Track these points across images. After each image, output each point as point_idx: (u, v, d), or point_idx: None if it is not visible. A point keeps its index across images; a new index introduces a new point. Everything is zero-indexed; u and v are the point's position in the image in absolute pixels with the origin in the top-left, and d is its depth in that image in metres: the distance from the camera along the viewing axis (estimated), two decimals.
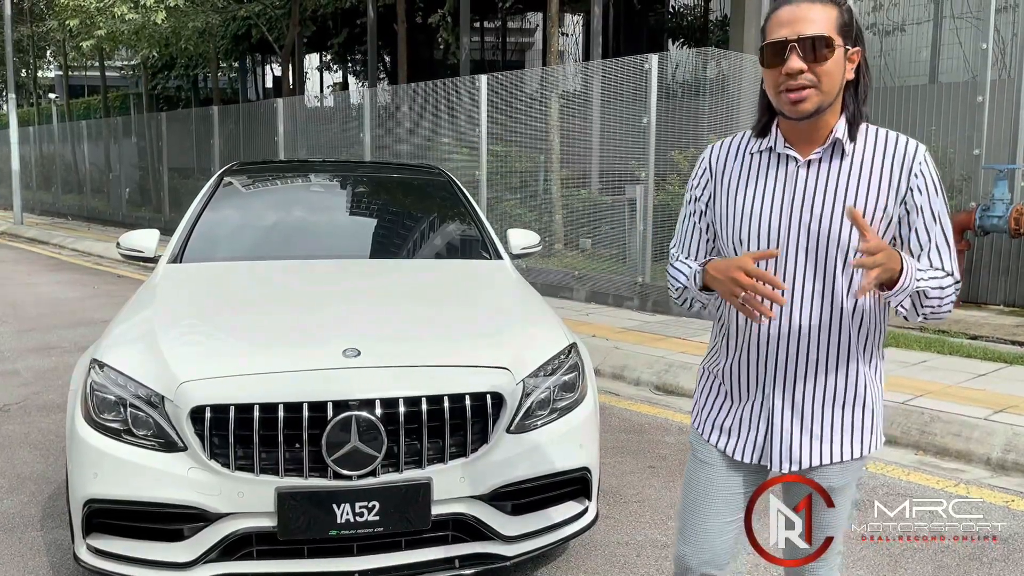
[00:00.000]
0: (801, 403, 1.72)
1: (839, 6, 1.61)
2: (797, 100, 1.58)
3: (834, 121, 1.65)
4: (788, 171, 1.68)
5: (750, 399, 1.78)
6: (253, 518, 2.54)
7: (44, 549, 3.20)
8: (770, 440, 1.75)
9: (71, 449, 2.73)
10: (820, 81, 1.57)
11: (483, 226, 4.25)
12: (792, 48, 1.57)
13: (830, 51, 1.57)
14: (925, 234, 1.64)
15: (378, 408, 2.56)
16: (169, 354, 2.73)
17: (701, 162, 1.83)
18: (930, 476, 4.02)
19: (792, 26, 1.58)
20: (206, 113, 16.59)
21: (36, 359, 6.36)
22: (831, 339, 1.69)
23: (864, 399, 1.74)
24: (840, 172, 1.65)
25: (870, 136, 1.67)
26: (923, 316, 1.64)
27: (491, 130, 9.99)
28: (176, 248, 3.85)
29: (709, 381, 1.88)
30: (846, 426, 1.73)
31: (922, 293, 1.59)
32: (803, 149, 1.67)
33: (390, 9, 16.26)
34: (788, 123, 1.67)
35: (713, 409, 1.85)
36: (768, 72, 1.62)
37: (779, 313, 1.68)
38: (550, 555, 3.11)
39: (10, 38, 20.47)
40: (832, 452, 1.73)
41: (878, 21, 10.07)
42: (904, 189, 1.64)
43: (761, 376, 1.75)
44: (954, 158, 8.35)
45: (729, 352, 1.80)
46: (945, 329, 6.81)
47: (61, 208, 23.72)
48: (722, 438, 1.82)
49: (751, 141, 1.76)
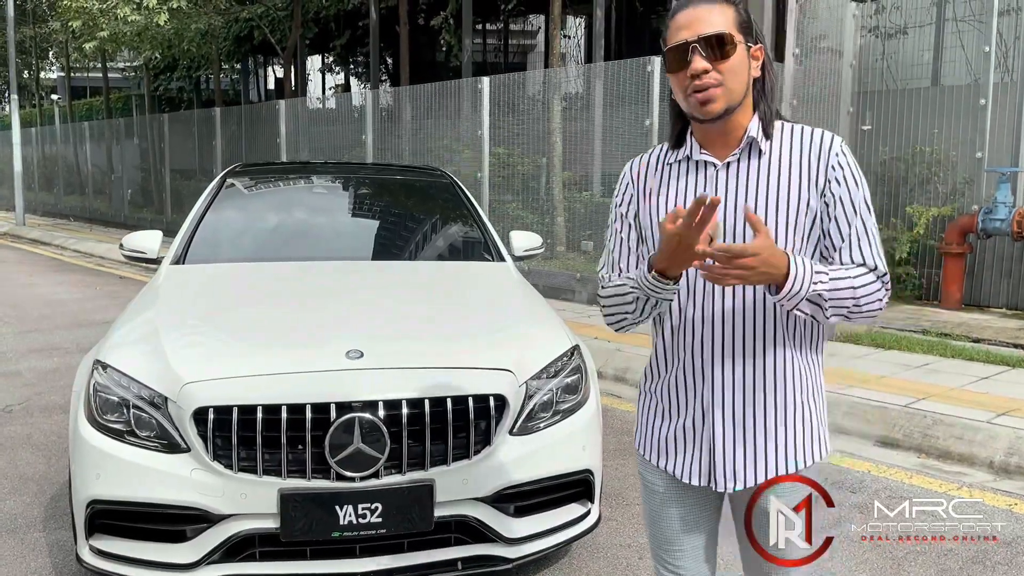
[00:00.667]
0: (742, 415, 1.66)
1: (735, 5, 1.61)
2: (705, 100, 1.57)
3: (747, 121, 1.63)
4: (707, 176, 1.66)
5: (689, 416, 1.71)
6: (256, 519, 2.54)
7: (47, 550, 3.21)
8: (712, 459, 1.69)
9: (74, 450, 2.73)
10: (725, 79, 1.56)
11: (486, 228, 4.25)
12: (694, 49, 1.56)
13: (732, 48, 1.56)
14: (846, 225, 1.60)
15: (381, 410, 2.56)
16: (172, 355, 2.74)
17: (623, 178, 1.79)
18: (933, 479, 4.02)
19: (691, 28, 1.57)
20: (208, 114, 16.61)
21: (38, 360, 6.36)
22: (767, 345, 1.64)
23: (806, 406, 1.68)
24: (759, 171, 1.63)
25: (786, 133, 1.65)
26: (842, 317, 1.58)
27: (493, 132, 10.00)
28: (179, 249, 3.85)
29: (648, 401, 1.81)
30: (789, 436, 1.67)
31: (823, 298, 1.53)
32: (719, 153, 1.65)
33: (392, 11, 16.26)
34: (701, 128, 1.65)
35: (655, 430, 1.78)
36: (674, 77, 1.60)
37: (712, 321, 1.64)
38: (552, 557, 3.11)
39: (13, 39, 20.50)
40: (778, 465, 1.67)
41: (880, 24, 10.06)
42: (823, 181, 1.60)
43: (699, 390, 1.68)
44: (956, 161, 8.34)
45: (666, 367, 1.75)
46: (948, 332, 6.81)
47: (63, 209, 23.74)
48: (668, 461, 1.75)
49: (668, 153, 1.74)
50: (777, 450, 1.67)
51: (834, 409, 4.80)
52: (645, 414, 1.81)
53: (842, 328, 6.68)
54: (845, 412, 4.75)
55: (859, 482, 3.96)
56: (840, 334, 6.63)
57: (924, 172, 8.49)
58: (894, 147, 8.77)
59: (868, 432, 4.59)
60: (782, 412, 1.66)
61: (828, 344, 6.35)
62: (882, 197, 8.81)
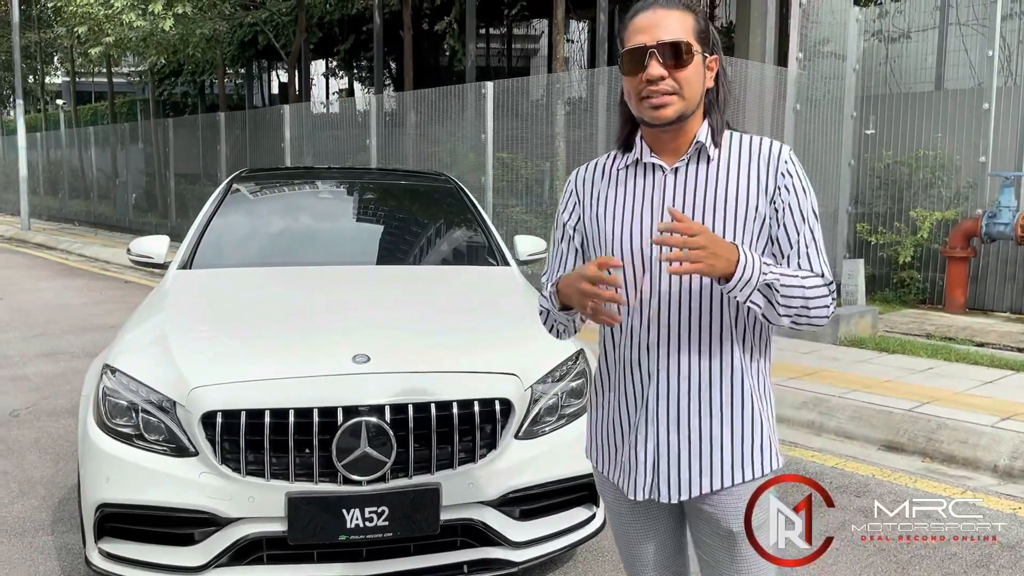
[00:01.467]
0: (687, 425, 1.63)
1: (695, 13, 1.61)
2: (659, 105, 1.57)
3: (696, 127, 1.64)
4: (656, 180, 1.66)
5: (635, 428, 1.68)
6: (263, 523, 2.56)
7: (55, 553, 3.22)
8: (657, 470, 1.65)
9: (83, 454, 2.75)
10: (681, 87, 1.56)
11: (490, 233, 4.27)
12: (652, 54, 1.55)
13: (689, 56, 1.56)
14: (795, 233, 1.60)
15: (387, 414, 2.58)
16: (180, 360, 2.76)
17: (567, 187, 1.79)
18: (937, 483, 4.02)
19: (650, 32, 1.57)
20: (213, 119, 16.66)
21: (45, 364, 6.39)
22: (712, 351, 1.62)
23: (752, 416, 1.64)
24: (708, 176, 1.63)
25: (734, 141, 1.65)
26: (791, 320, 1.55)
27: (497, 137, 10.02)
28: (186, 254, 3.88)
29: (597, 413, 1.78)
30: (736, 446, 1.63)
31: (773, 288, 1.50)
32: (668, 158, 1.65)
33: (396, 16, 16.31)
34: (651, 132, 1.65)
35: (607, 445, 1.75)
36: (628, 80, 1.60)
37: (659, 328, 1.63)
38: (557, 561, 3.12)
39: (18, 44, 20.59)
40: (723, 476, 1.63)
41: (883, 28, 10.08)
42: (772, 188, 1.61)
43: (646, 399, 1.65)
44: (960, 165, 8.35)
45: (610, 380, 1.73)
46: (952, 336, 6.81)
47: (68, 214, 23.81)
48: (618, 474, 1.73)
49: (616, 159, 1.73)
50: (724, 459, 1.64)
51: (838, 413, 4.82)
52: (596, 429, 1.79)
53: (846, 333, 6.69)
54: (850, 416, 4.76)
55: (863, 486, 3.97)
56: (844, 338, 6.63)
57: (928, 176, 8.50)
58: (898, 151, 8.78)
59: (872, 436, 4.59)
60: (729, 419, 1.63)
61: (832, 348, 6.37)
62: (886, 201, 8.82)
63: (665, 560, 1.80)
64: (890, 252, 8.56)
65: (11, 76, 28.34)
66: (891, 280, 8.74)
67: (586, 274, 1.51)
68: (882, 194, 8.85)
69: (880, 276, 8.81)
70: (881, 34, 10.02)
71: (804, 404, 4.95)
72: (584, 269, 1.53)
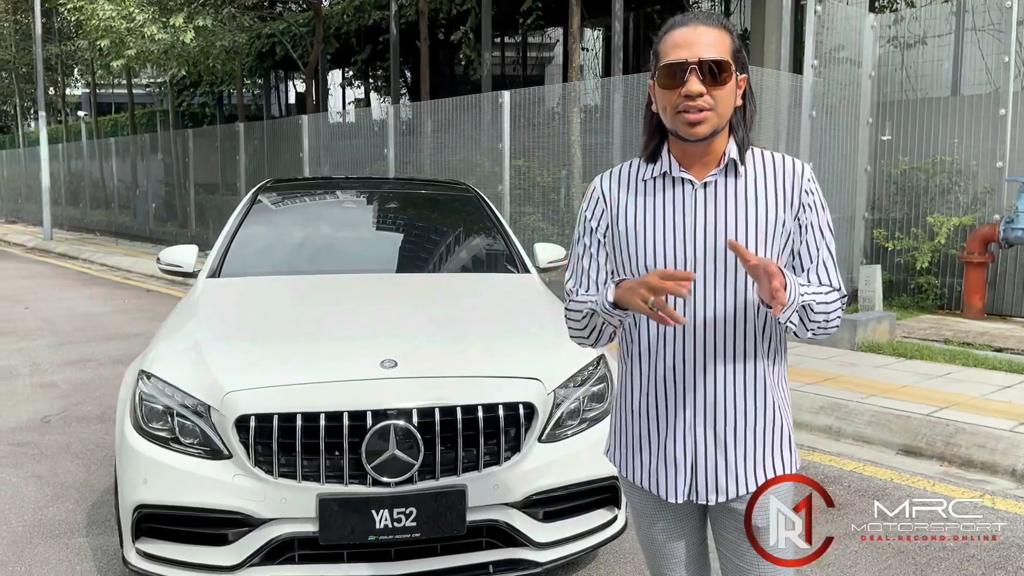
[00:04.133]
0: (723, 430, 1.69)
1: (730, 32, 1.64)
2: (695, 122, 1.60)
3: (724, 144, 1.68)
4: (685, 194, 1.69)
5: (670, 434, 1.73)
6: (295, 523, 2.63)
7: (91, 555, 3.32)
8: (695, 474, 1.72)
9: (121, 456, 2.84)
10: (716, 104, 1.60)
11: (510, 240, 4.35)
12: (692, 70, 1.58)
13: (728, 75, 1.60)
14: (815, 248, 1.68)
15: (415, 417, 2.65)
16: (214, 365, 2.85)
17: (593, 192, 1.80)
18: (955, 487, 4.05)
19: (691, 48, 1.59)
20: (232, 130, 16.86)
21: (73, 372, 6.52)
22: (746, 361, 1.68)
23: (780, 422, 1.73)
24: (736, 191, 1.67)
25: (757, 157, 1.70)
26: (812, 332, 1.64)
27: (513, 145, 10.11)
28: (215, 263, 3.98)
29: (623, 420, 1.82)
30: (767, 450, 1.72)
31: (808, 308, 1.59)
32: (697, 172, 1.69)
33: (412, 26, 16.47)
34: (680, 146, 1.68)
35: (634, 451, 1.80)
36: (664, 93, 1.62)
37: (691, 338, 1.68)
38: (580, 562, 3.18)
39: (40, 56, 20.92)
40: (756, 477, 1.71)
41: (899, 34, 10.10)
42: (797, 205, 1.67)
43: (679, 407, 1.71)
44: (977, 171, 8.35)
45: (639, 388, 1.77)
46: (970, 342, 6.81)
47: (89, 224, 24.12)
48: (651, 480, 1.77)
49: (642, 168, 1.76)
50: (756, 461, 1.71)
51: (856, 418, 4.85)
52: (622, 436, 1.83)
53: (864, 338, 6.71)
54: (868, 421, 4.79)
55: (882, 490, 4.00)
56: (861, 344, 6.65)
57: (945, 182, 8.50)
58: (914, 157, 8.78)
59: (891, 441, 4.62)
60: (761, 424, 1.71)
61: (849, 354, 6.38)
62: (903, 207, 8.83)
63: (691, 559, 1.86)
64: (907, 258, 8.56)
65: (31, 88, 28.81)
66: (908, 286, 8.74)
67: (652, 281, 1.53)
68: (899, 200, 8.86)
69: (897, 282, 8.81)
70: (897, 40, 10.03)
71: (822, 409, 4.99)
72: (650, 275, 1.54)
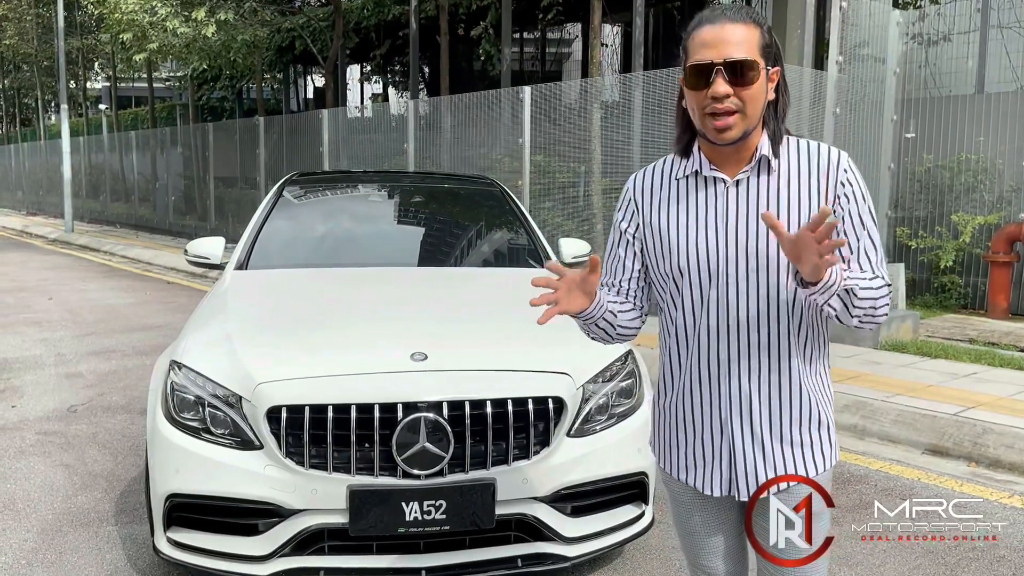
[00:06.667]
0: (759, 426, 1.69)
1: (760, 26, 1.61)
2: (723, 127, 1.58)
3: (757, 139, 1.65)
4: (717, 192, 1.67)
5: (707, 428, 1.73)
6: (325, 514, 2.65)
7: (120, 543, 3.35)
8: (734, 468, 1.71)
9: (152, 446, 2.86)
10: (745, 105, 1.57)
11: (535, 235, 4.34)
12: (718, 71, 1.56)
13: (755, 75, 1.57)
14: (855, 239, 1.64)
15: (445, 410, 2.65)
16: (245, 356, 2.86)
17: (625, 194, 1.80)
18: (983, 487, 4.01)
19: (717, 48, 1.57)
20: (251, 124, 16.93)
21: (97, 362, 6.58)
22: (780, 358, 1.67)
23: (818, 415, 1.71)
24: (769, 188, 1.65)
25: (792, 148, 1.67)
26: (858, 319, 1.60)
27: (534, 141, 10.10)
28: (242, 255, 4.00)
29: (663, 416, 1.83)
30: (805, 444, 1.71)
31: (851, 292, 1.55)
32: (729, 169, 1.67)
33: (432, 21, 16.47)
34: (711, 145, 1.66)
35: (672, 445, 1.81)
36: (692, 93, 1.61)
37: (726, 335, 1.67)
38: (607, 557, 3.18)
39: (63, 50, 21.09)
40: (797, 469, 1.71)
41: (923, 31, 10.00)
42: (832, 196, 1.64)
43: (714, 403, 1.71)
44: (1003, 169, 8.27)
45: (675, 384, 1.77)
46: (995, 341, 6.75)
47: (109, 216, 24.32)
48: (689, 474, 1.78)
49: (675, 166, 1.74)
50: (796, 456, 1.71)
51: (881, 417, 4.81)
52: (661, 430, 1.84)
53: (887, 337, 6.66)
54: (893, 420, 4.76)
55: (909, 489, 3.97)
56: (885, 343, 6.61)
57: (969, 180, 8.42)
58: (938, 155, 8.71)
59: (917, 440, 4.59)
60: (797, 419, 1.70)
61: (873, 353, 6.34)
62: (927, 205, 8.76)
63: (729, 550, 1.85)
64: (931, 256, 8.49)
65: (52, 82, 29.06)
66: (932, 285, 8.66)
67: None
68: (922, 198, 8.78)
69: (920, 281, 8.74)
70: (921, 37, 9.94)
71: (847, 407, 4.95)
72: None
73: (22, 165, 32.65)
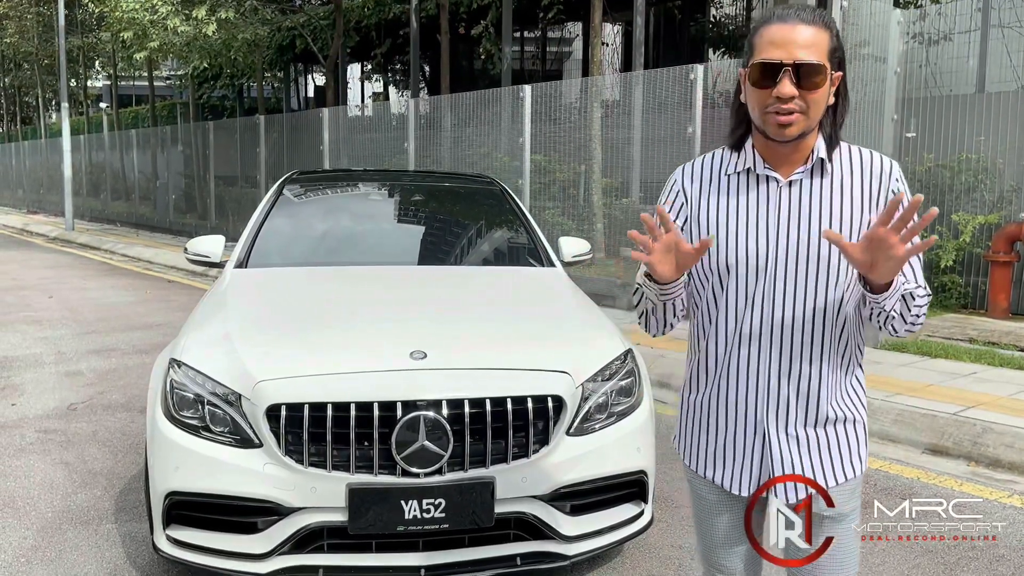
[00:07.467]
0: (796, 426, 1.69)
1: (830, 30, 1.59)
2: (785, 124, 1.56)
3: (813, 141, 1.64)
4: (769, 192, 1.66)
5: (739, 426, 1.72)
6: (325, 512, 2.65)
7: (120, 541, 3.35)
8: (770, 470, 1.71)
9: (152, 444, 2.86)
10: (809, 108, 1.56)
11: (536, 234, 4.34)
12: (786, 72, 1.54)
13: (822, 79, 1.55)
14: None
15: (444, 408, 2.65)
16: (245, 354, 2.86)
17: (672, 185, 1.79)
18: (983, 487, 4.01)
19: (786, 48, 1.54)
20: (252, 122, 16.94)
21: (97, 360, 6.58)
22: (822, 359, 1.67)
23: (854, 419, 1.72)
24: (822, 191, 1.64)
25: (844, 154, 1.66)
26: (909, 324, 1.60)
27: (534, 140, 10.09)
28: (242, 254, 3.99)
29: (692, 413, 1.82)
30: (843, 445, 1.71)
31: (908, 297, 1.56)
32: (783, 170, 1.66)
33: (432, 20, 16.48)
34: (766, 143, 1.64)
35: (701, 442, 1.79)
36: (755, 91, 1.59)
37: (768, 336, 1.66)
38: (606, 556, 3.18)
39: (64, 48, 21.09)
40: (835, 473, 1.71)
41: (924, 30, 9.99)
42: (883, 205, 1.63)
43: (750, 401, 1.70)
44: (1003, 168, 8.26)
45: (709, 380, 1.76)
46: (995, 341, 6.75)
47: (110, 215, 24.32)
48: (717, 471, 1.77)
49: (725, 161, 1.73)
50: (834, 461, 1.70)
51: (881, 416, 4.81)
52: (688, 426, 1.83)
53: (887, 337, 6.65)
54: (893, 420, 4.76)
55: (909, 489, 3.97)
56: (885, 343, 6.60)
57: (970, 180, 8.41)
58: (939, 154, 8.70)
59: (917, 440, 4.59)
60: (833, 422, 1.70)
61: (873, 352, 6.33)
62: (927, 204, 8.72)
63: (749, 551, 1.85)
64: (931, 256, 8.48)
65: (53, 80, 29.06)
66: (932, 284, 8.66)
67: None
68: (923, 197, 8.78)
69: None
70: (921, 36, 9.93)
71: None
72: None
73: (23, 163, 32.67)
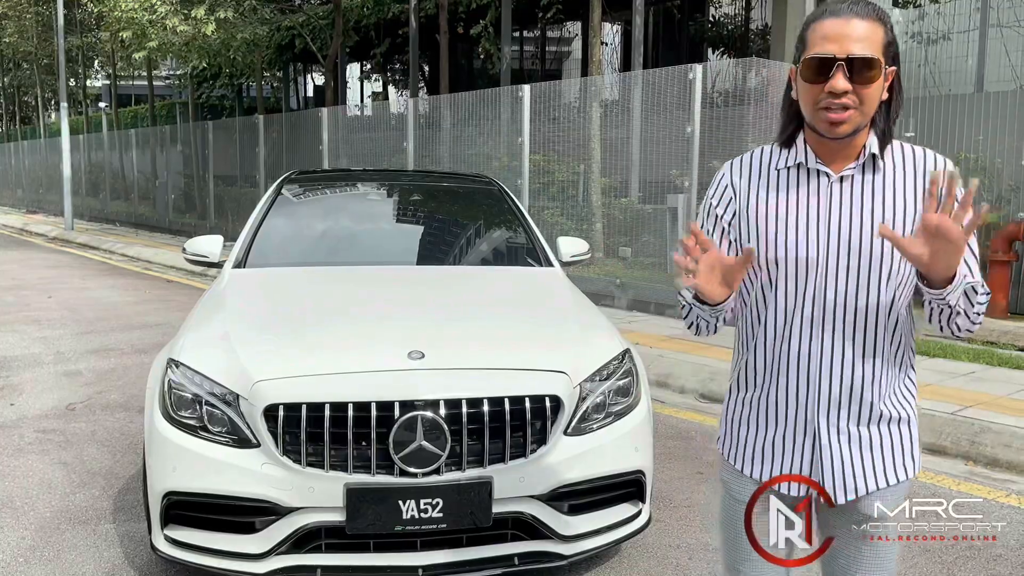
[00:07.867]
0: (847, 425, 1.66)
1: (885, 24, 1.56)
2: (837, 121, 1.54)
3: (865, 137, 1.61)
4: (820, 187, 1.63)
5: (789, 425, 1.69)
6: (322, 512, 2.65)
7: (118, 541, 3.35)
8: (820, 469, 1.67)
9: (150, 444, 2.86)
10: (862, 103, 1.53)
11: (534, 234, 4.34)
12: (839, 66, 1.51)
13: (876, 73, 1.52)
14: None
15: (442, 408, 2.66)
16: (243, 354, 2.86)
17: (721, 179, 1.75)
18: (981, 486, 4.02)
19: (840, 43, 1.51)
20: (251, 122, 16.93)
21: (96, 360, 6.58)
22: (875, 355, 1.64)
23: (907, 414, 1.69)
24: (874, 187, 1.62)
25: (896, 151, 1.64)
26: (972, 320, 1.56)
27: (533, 139, 10.10)
28: (240, 254, 3.99)
29: (740, 411, 1.78)
30: (895, 445, 1.68)
31: (971, 291, 1.53)
32: (835, 165, 1.63)
33: (432, 20, 16.48)
34: (818, 139, 1.62)
35: (747, 439, 1.76)
36: (807, 87, 1.56)
37: (819, 334, 1.64)
38: (604, 555, 3.19)
39: (63, 48, 21.08)
40: (887, 474, 1.68)
41: (923, 30, 10.00)
42: None
43: (801, 399, 1.67)
44: (1002, 168, 8.26)
45: (759, 380, 1.73)
46: (994, 341, 6.75)
47: (109, 214, 24.31)
48: (764, 469, 1.73)
49: (775, 156, 1.70)
50: (886, 461, 1.68)
51: None
52: (735, 424, 1.79)
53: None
54: None
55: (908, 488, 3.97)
56: None
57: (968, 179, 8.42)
58: None
59: None
60: (887, 421, 1.67)
61: None
62: None
63: None
64: None
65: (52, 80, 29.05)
66: None
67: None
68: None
69: None
70: (920, 36, 9.95)
71: None
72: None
73: (22, 163, 32.66)
